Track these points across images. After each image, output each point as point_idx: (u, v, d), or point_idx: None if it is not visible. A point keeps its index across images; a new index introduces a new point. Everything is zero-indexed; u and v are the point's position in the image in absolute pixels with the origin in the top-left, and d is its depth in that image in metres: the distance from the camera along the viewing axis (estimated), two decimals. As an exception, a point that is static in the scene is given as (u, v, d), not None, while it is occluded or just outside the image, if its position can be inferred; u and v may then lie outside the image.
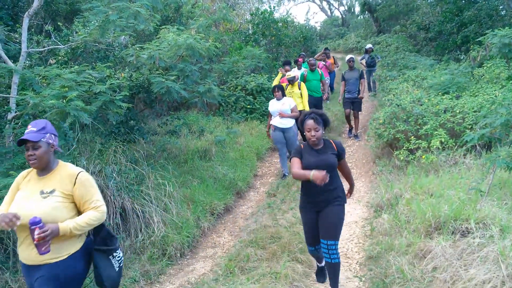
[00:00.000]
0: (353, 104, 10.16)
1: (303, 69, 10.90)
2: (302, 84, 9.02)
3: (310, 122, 3.81)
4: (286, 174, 7.94)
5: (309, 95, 9.44)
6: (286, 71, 10.24)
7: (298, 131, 8.12)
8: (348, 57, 10.87)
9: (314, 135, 3.80)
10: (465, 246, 3.83)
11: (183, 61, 6.56)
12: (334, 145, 3.95)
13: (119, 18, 5.72)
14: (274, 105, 7.71)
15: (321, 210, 3.88)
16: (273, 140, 7.96)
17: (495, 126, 4.80)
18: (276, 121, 7.66)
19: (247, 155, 8.59)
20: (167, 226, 5.42)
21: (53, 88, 4.72)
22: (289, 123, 7.65)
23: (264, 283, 4.15)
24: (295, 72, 11.05)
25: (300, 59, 12.22)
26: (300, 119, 3.97)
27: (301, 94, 8.85)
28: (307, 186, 3.89)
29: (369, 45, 15.86)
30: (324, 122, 3.89)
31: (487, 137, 4.96)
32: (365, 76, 11.06)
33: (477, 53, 9.60)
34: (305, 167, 3.74)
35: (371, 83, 15.29)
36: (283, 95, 7.74)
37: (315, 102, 9.88)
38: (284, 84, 8.97)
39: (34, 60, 6.29)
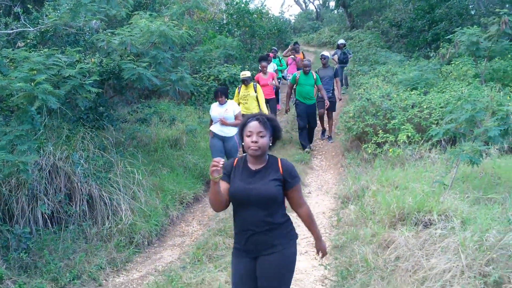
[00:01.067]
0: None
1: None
2: (258, 86, 8.36)
3: (253, 124, 2.69)
4: None
5: (301, 102, 8.77)
6: (263, 67, 9.76)
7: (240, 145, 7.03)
8: (321, 54, 10.11)
9: (256, 142, 2.65)
10: (427, 237, 3.95)
11: (156, 48, 6.48)
12: (280, 167, 2.76)
13: (91, 3, 5.61)
14: (215, 110, 6.64)
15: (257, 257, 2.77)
16: (210, 149, 6.88)
17: (460, 122, 4.95)
18: (216, 128, 6.64)
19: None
20: (135, 214, 5.39)
21: (21, 71, 4.60)
22: (231, 131, 6.62)
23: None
24: (269, 68, 10.88)
25: (271, 54, 12.05)
26: (242, 122, 2.82)
27: (257, 97, 8.19)
28: (236, 219, 2.81)
29: (341, 41, 15.31)
30: (274, 130, 2.79)
31: (452, 132, 5.12)
32: (339, 74, 10.59)
33: (446, 50, 9.83)
34: (231, 195, 2.71)
35: (343, 79, 14.82)
36: (227, 99, 6.70)
37: (309, 110, 8.83)
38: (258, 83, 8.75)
39: (2, 43, 6.09)
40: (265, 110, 8.10)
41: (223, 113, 6.55)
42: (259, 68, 10.27)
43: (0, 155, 3.92)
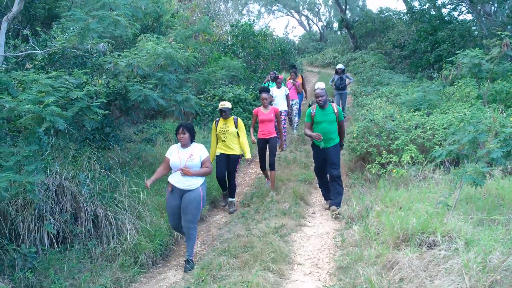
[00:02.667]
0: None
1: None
2: (240, 121, 6.97)
3: None
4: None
5: (316, 146, 6.60)
6: (263, 100, 7.65)
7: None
8: (317, 86, 6.86)
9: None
10: (431, 258, 3.95)
11: (162, 70, 6.59)
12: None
13: (99, 26, 5.74)
14: (176, 155, 5.21)
15: None
16: (166, 209, 5.47)
17: (463, 143, 4.98)
18: (175, 179, 5.19)
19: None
20: (139, 234, 5.41)
21: (30, 93, 4.69)
22: (195, 182, 5.17)
23: (236, 291, 4.19)
24: (276, 92, 10.00)
25: (281, 76, 10.68)
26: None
27: (237, 133, 6.94)
28: None
29: (339, 66, 13.67)
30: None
31: (455, 153, 5.14)
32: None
33: (449, 72, 9.92)
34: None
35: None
36: (192, 139, 5.30)
37: (328, 155, 6.53)
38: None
39: (11, 64, 6.22)
40: (247, 151, 6.98)
41: (187, 159, 5.16)
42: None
43: (7, 176, 3.98)
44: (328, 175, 6.76)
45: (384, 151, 7.31)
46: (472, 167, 4.65)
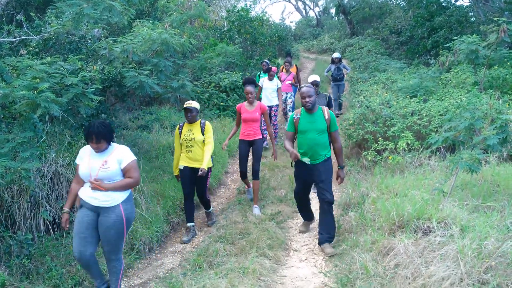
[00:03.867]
0: None
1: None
2: (208, 125, 5.67)
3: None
4: None
5: (299, 162, 5.05)
6: (247, 94, 6.46)
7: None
8: (311, 79, 7.15)
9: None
10: (426, 244, 3.97)
11: (157, 56, 6.54)
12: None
13: (93, 11, 5.67)
14: (85, 161, 3.90)
15: None
16: (74, 227, 3.96)
17: (459, 130, 4.98)
18: (85, 193, 3.89)
19: (219, 152, 8.61)
20: (136, 221, 5.41)
21: (24, 79, 4.64)
22: (114, 197, 3.85)
23: (232, 277, 4.21)
24: (266, 84, 9.22)
25: (274, 68, 9.82)
26: None
27: (203, 141, 5.63)
28: None
29: (336, 54, 12.75)
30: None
31: (451, 140, 5.14)
32: (333, 103, 7.64)
33: (445, 58, 9.89)
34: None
35: (337, 101, 12.17)
36: (110, 141, 3.90)
37: (311, 177, 5.11)
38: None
39: (5, 50, 6.15)
40: (205, 160, 5.47)
41: (98, 169, 3.82)
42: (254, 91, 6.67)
43: (2, 162, 3.95)
44: (319, 200, 5.17)
45: (380, 138, 7.32)
46: (468, 153, 4.66)
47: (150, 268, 5.04)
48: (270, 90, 9.33)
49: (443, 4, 18.21)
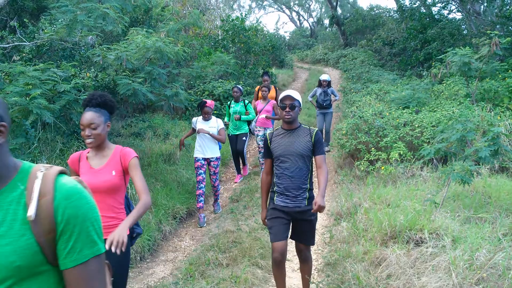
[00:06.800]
0: None
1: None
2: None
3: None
4: None
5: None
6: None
7: None
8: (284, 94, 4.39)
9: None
10: (418, 255, 3.97)
11: (151, 64, 6.54)
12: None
13: (87, 19, 5.68)
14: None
15: None
16: None
17: (451, 141, 5.01)
18: None
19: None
20: (127, 229, 5.37)
21: (17, 85, 4.63)
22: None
23: (224, 287, 4.18)
24: (201, 126, 6.45)
25: (243, 94, 8.70)
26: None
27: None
28: None
29: (325, 76, 10.07)
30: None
31: (443, 151, 5.18)
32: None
33: (438, 70, 9.98)
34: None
35: (323, 132, 9.89)
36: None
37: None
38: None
39: (-3, 56, 6.15)
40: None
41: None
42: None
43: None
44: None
45: (373, 148, 7.35)
46: (460, 165, 4.69)
47: (141, 277, 4.99)
48: (206, 136, 6.57)
49: (435, 16, 18.43)
